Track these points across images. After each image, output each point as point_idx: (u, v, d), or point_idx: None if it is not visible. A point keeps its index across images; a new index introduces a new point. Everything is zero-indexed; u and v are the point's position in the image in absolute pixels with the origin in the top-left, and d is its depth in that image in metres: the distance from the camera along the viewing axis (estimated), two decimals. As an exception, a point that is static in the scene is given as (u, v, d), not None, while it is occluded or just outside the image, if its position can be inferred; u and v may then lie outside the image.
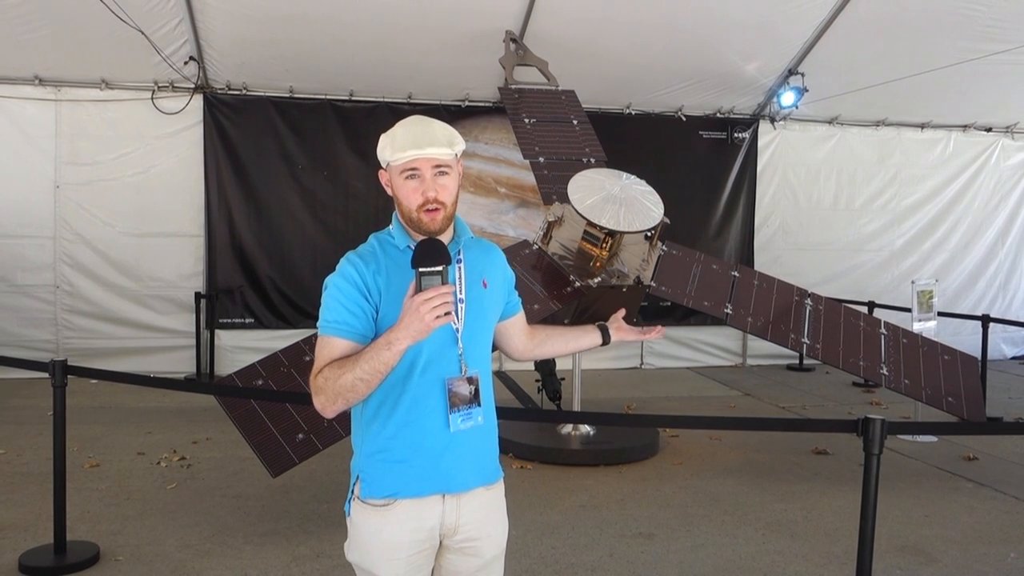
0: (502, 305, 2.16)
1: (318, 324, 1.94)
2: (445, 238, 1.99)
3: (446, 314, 1.74)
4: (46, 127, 7.76)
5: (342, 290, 1.91)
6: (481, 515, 2.02)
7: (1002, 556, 4.11)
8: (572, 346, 2.42)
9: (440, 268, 1.76)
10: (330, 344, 1.90)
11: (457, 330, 1.96)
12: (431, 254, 1.78)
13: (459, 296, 1.98)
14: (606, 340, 2.40)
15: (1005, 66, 7.91)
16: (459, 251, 2.02)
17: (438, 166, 1.91)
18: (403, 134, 1.93)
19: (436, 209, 1.91)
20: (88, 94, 7.80)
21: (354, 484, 2.00)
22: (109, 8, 6.14)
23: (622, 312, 2.47)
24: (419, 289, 1.75)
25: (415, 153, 1.89)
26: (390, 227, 2.04)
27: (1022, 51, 7.50)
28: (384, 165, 1.98)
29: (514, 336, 2.28)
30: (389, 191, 2.00)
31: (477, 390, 1.97)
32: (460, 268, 2.00)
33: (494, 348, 2.18)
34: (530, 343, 2.32)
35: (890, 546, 4.17)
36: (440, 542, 2.01)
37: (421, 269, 1.76)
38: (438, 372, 1.93)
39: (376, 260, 1.96)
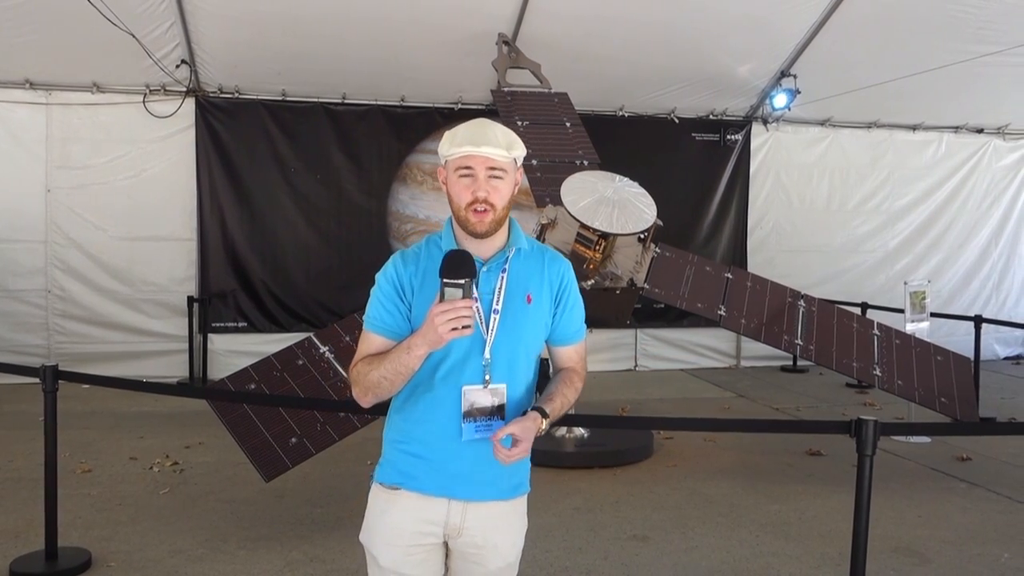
0: (547, 321, 2.07)
1: (363, 317, 2.03)
2: (496, 244, 2.00)
3: (464, 327, 1.77)
4: (37, 131, 7.71)
5: (381, 288, 2.00)
6: (489, 524, 2.02)
7: (996, 556, 4.12)
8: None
9: (462, 281, 1.78)
10: (367, 339, 1.99)
11: (486, 340, 1.94)
12: (456, 266, 1.80)
13: (495, 307, 1.96)
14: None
15: (996, 67, 7.93)
16: (507, 260, 2.00)
17: (492, 168, 1.93)
18: (464, 131, 1.95)
19: (485, 211, 1.93)
20: (79, 98, 7.76)
21: (377, 465, 2.06)
22: (100, 12, 6.11)
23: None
24: (442, 299, 1.78)
25: (470, 150, 1.91)
26: (443, 230, 2.06)
27: (1013, 52, 7.52)
28: (442, 162, 2.01)
29: (553, 366, 2.17)
30: (444, 188, 2.01)
31: (502, 404, 1.94)
32: (503, 278, 1.98)
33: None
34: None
35: (884, 547, 4.17)
36: (447, 543, 2.03)
37: (444, 280, 1.78)
38: (459, 379, 1.94)
39: (417, 260, 2.01)
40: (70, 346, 7.82)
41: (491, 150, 1.91)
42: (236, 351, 7.97)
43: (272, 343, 6.92)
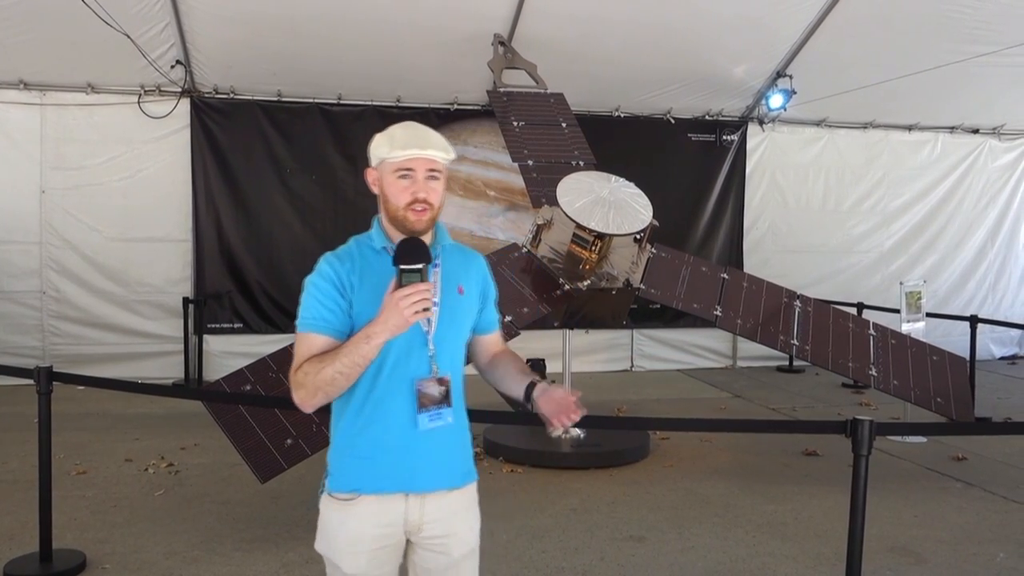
0: (476, 312, 2.17)
1: (296, 322, 1.99)
2: (425, 241, 2.03)
3: (424, 310, 1.83)
4: (32, 131, 7.69)
5: (319, 287, 1.99)
6: (447, 513, 2.05)
7: (991, 556, 4.12)
8: (505, 389, 2.20)
9: (420, 266, 1.85)
10: (308, 340, 1.96)
11: (428, 332, 2.01)
12: (412, 252, 1.87)
13: (434, 300, 2.01)
14: (526, 402, 2.10)
15: (991, 68, 7.95)
16: (437, 256, 2.06)
17: (432, 169, 1.98)
18: (403, 134, 2.00)
19: (424, 209, 1.98)
20: (74, 98, 7.74)
21: (325, 477, 2.06)
22: (95, 12, 6.10)
23: (560, 389, 2.10)
24: (400, 285, 1.83)
25: (416, 152, 1.96)
26: (370, 230, 2.10)
27: (1008, 53, 7.54)
28: (376, 163, 2.04)
29: (478, 354, 2.27)
30: (375, 189, 2.06)
31: (448, 391, 2.01)
32: (437, 272, 2.05)
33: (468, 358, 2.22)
34: (486, 366, 2.26)
35: (880, 547, 4.17)
36: (408, 539, 2.05)
37: (402, 266, 1.84)
38: (406, 372, 1.98)
39: (352, 259, 2.02)
40: (65, 348, 7.80)
41: (434, 152, 1.98)
42: (232, 352, 7.95)
43: (268, 344, 6.90)
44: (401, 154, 1.96)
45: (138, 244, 7.96)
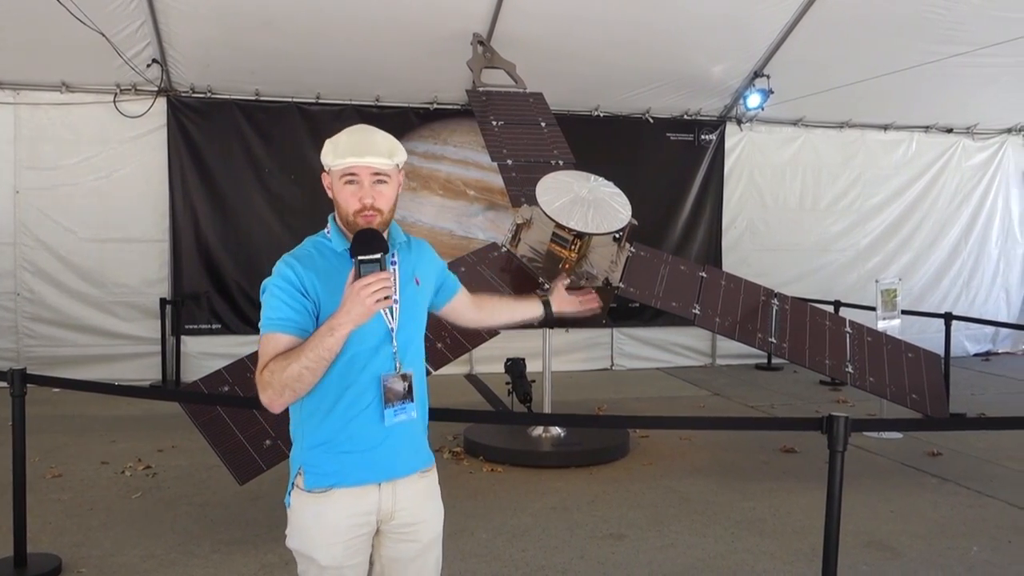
0: (432, 295, 2.28)
1: (260, 325, 1.99)
2: None
3: (386, 298, 1.86)
4: (5, 131, 7.61)
5: (282, 288, 1.99)
6: (417, 501, 2.12)
7: (965, 550, 4.18)
8: (517, 317, 2.59)
9: (378, 256, 1.87)
10: (274, 339, 1.95)
11: (392, 330, 2.05)
12: (369, 243, 1.89)
13: (394, 298, 2.05)
14: (548, 315, 2.60)
15: (965, 68, 8.04)
16: (393, 255, 2.10)
17: (376, 174, 2.01)
18: (346, 141, 2.02)
19: (372, 215, 2.01)
20: (48, 97, 7.66)
21: (295, 476, 2.07)
22: (68, 10, 6.03)
23: (564, 280, 2.69)
24: (359, 276, 1.85)
25: (354, 160, 1.99)
26: (326, 230, 2.12)
27: (981, 53, 7.63)
28: (326, 168, 2.06)
29: (462, 311, 2.45)
30: (330, 193, 2.08)
31: (411, 387, 2.07)
32: (394, 270, 2.08)
33: (448, 326, 2.32)
34: (480, 313, 2.51)
35: (856, 542, 4.22)
36: (378, 528, 2.10)
37: (360, 257, 1.86)
38: (374, 370, 2.02)
39: (313, 263, 2.03)
40: (40, 349, 7.72)
41: (374, 159, 1.99)
42: (209, 353, 7.89)
43: (246, 345, 6.87)
44: (341, 162, 1.99)
45: (114, 245, 7.89)
